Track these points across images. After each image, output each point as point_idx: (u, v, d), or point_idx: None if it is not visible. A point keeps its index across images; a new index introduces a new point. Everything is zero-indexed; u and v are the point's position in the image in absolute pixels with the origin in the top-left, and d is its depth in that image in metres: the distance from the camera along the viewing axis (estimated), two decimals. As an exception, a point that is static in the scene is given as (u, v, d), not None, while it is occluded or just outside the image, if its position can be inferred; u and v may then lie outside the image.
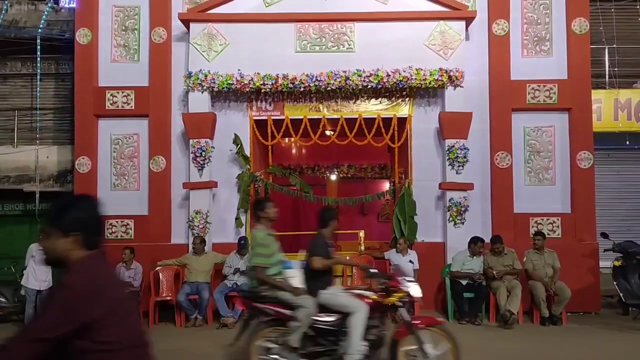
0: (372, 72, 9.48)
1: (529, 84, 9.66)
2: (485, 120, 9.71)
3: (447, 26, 9.59)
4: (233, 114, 9.88)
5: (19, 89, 11.32)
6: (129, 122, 9.99)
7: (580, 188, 9.56)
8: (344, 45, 9.71)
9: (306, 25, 9.72)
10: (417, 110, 9.80)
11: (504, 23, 9.72)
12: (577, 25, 9.66)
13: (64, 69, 11.07)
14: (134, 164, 9.99)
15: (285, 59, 9.61)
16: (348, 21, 9.70)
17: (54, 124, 11.19)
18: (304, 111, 9.83)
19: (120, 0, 10.11)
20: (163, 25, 9.97)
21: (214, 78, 9.54)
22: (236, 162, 9.78)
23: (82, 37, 9.99)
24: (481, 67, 9.77)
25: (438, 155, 9.70)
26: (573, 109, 9.63)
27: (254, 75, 9.52)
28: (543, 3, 9.82)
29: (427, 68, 9.45)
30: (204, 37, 9.70)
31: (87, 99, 9.91)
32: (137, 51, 10.07)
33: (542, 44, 9.81)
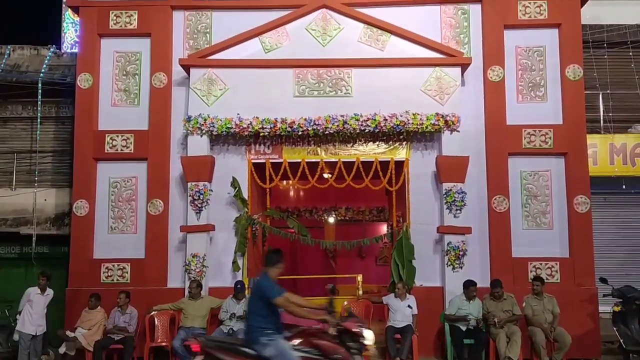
0: (370, 116, 9.59)
1: (525, 129, 9.76)
2: (482, 164, 9.78)
3: (443, 72, 9.75)
4: (231, 157, 9.94)
5: (19, 132, 11.42)
6: (128, 165, 10.03)
7: (578, 232, 9.56)
8: (342, 90, 9.84)
9: (304, 71, 9.87)
10: (415, 154, 9.87)
11: (499, 69, 9.88)
12: (571, 71, 9.81)
13: (64, 112, 11.19)
14: (132, 207, 9.99)
15: (283, 103, 9.73)
16: (346, 67, 9.86)
17: (53, 166, 11.25)
18: (302, 154, 9.90)
19: (122, 46, 10.29)
20: (164, 70, 10.12)
21: (213, 122, 9.64)
22: (234, 205, 9.79)
23: (83, 81, 10.12)
24: (477, 112, 9.89)
25: (436, 198, 9.73)
26: (569, 153, 9.71)
27: (252, 119, 9.63)
28: (537, 50, 10.00)
29: (424, 113, 9.57)
30: (204, 82, 9.83)
31: (87, 142, 9.99)
32: (137, 95, 10.20)
33: (537, 90, 9.96)
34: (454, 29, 10.15)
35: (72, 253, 9.89)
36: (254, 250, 10.30)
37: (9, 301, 10.05)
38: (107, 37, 10.27)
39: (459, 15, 10.16)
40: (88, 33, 10.25)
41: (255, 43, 10.00)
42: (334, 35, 10.02)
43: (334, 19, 10.04)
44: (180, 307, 9.00)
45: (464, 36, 10.12)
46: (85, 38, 10.30)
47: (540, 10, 9.93)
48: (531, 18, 9.94)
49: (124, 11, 10.21)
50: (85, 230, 9.87)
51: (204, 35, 10.32)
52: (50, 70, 11.20)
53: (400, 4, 10.26)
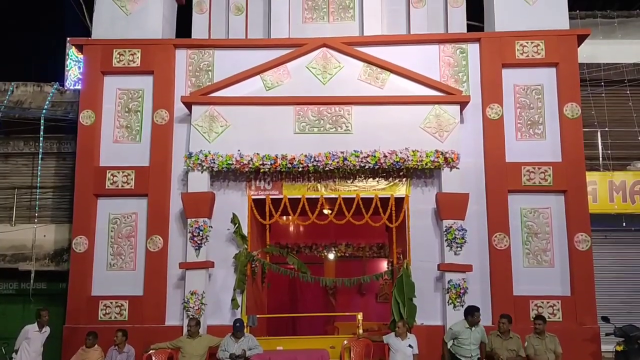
0: (370, 153, 9.64)
1: (524, 166, 9.80)
2: (482, 201, 9.78)
3: (442, 110, 9.83)
4: (232, 193, 9.96)
5: (20, 167, 11.47)
6: (128, 202, 10.05)
7: (579, 270, 9.51)
8: (342, 127, 9.92)
9: (305, 108, 9.96)
10: (414, 190, 9.88)
11: (498, 107, 9.97)
12: (569, 109, 9.90)
13: (65, 148, 11.26)
14: (131, 244, 9.96)
15: (284, 140, 9.80)
16: (346, 104, 9.95)
17: (53, 202, 11.27)
18: (302, 191, 9.92)
19: (125, 84, 10.40)
20: (166, 108, 10.22)
21: (214, 158, 9.68)
22: (233, 241, 9.77)
23: (85, 118, 10.21)
24: (476, 149, 9.94)
25: (436, 235, 9.71)
26: (569, 191, 9.72)
27: (253, 156, 9.68)
28: (535, 88, 10.11)
29: (423, 150, 9.62)
30: (205, 118, 9.92)
31: (88, 178, 10.02)
32: (139, 132, 10.27)
33: (536, 128, 10.03)
34: (453, 68, 10.28)
35: (70, 290, 9.83)
36: (254, 287, 10.23)
37: (5, 338, 9.93)
38: (110, 74, 10.40)
39: (457, 54, 10.30)
40: (91, 70, 10.39)
41: (257, 81, 10.13)
42: (334, 74, 10.15)
43: (334, 57, 10.19)
44: (179, 345, 8.88)
45: (463, 74, 10.25)
46: (88, 75, 10.43)
47: (538, 49, 10.07)
48: (529, 57, 10.07)
49: (127, 49, 10.36)
50: (84, 267, 9.82)
51: (206, 73, 10.45)
52: (52, 106, 11.33)
53: (400, 43, 10.42)
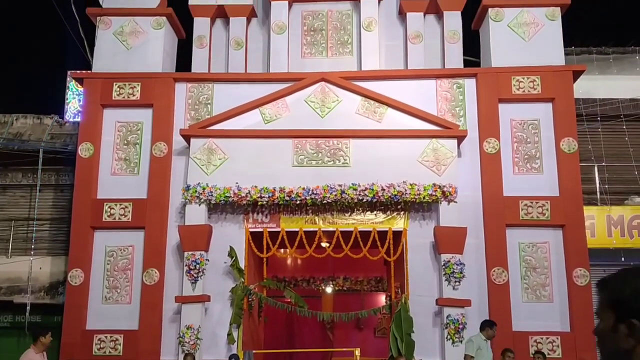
0: (368, 186, 9.65)
1: (522, 200, 9.80)
2: (480, 235, 9.76)
3: (440, 144, 9.88)
4: (229, 226, 9.93)
5: (18, 199, 11.47)
6: (125, 234, 10.01)
7: (579, 306, 9.43)
8: (340, 160, 9.95)
9: (303, 141, 10.01)
10: (412, 224, 9.87)
11: (495, 142, 10.03)
12: (566, 144, 9.95)
13: (63, 180, 11.28)
14: (127, 277, 9.89)
15: (282, 172, 9.81)
16: (344, 137, 10.01)
17: (50, 234, 11.23)
18: (299, 223, 9.90)
19: (124, 116, 10.47)
20: (164, 140, 10.26)
21: (211, 191, 9.69)
22: (230, 275, 9.70)
23: (84, 151, 10.24)
24: (474, 183, 9.96)
25: (434, 269, 9.66)
26: (566, 225, 9.70)
27: (251, 189, 9.68)
28: (532, 123, 10.19)
29: (421, 183, 9.63)
30: (203, 151, 9.95)
31: (85, 210, 10.00)
32: (137, 164, 10.29)
33: (533, 162, 10.07)
34: (450, 102, 10.37)
35: (65, 323, 9.72)
36: (250, 321, 10.12)
37: (-2, 373, 9.81)
38: (109, 107, 10.47)
39: (454, 89, 10.40)
40: (91, 103, 10.47)
41: (256, 114, 10.19)
42: (332, 107, 10.23)
43: (332, 91, 10.27)
44: (173, 381, 8.75)
45: (460, 109, 10.33)
46: (88, 108, 10.51)
47: (534, 85, 10.17)
48: (525, 92, 10.17)
49: (127, 83, 10.45)
50: (79, 300, 9.73)
51: (205, 106, 10.52)
52: (52, 138, 11.38)
53: (397, 78, 10.53)
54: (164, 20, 10.85)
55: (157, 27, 10.81)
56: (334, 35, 11.17)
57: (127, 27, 10.79)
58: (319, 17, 11.24)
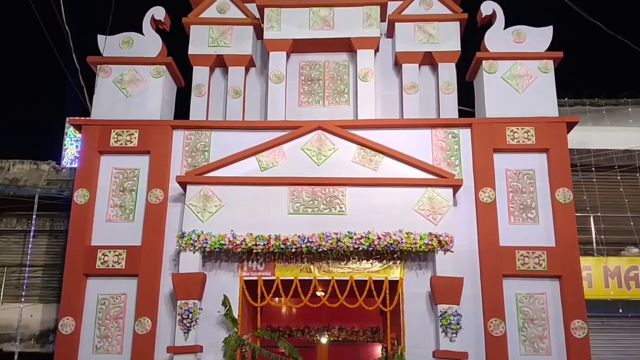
0: (363, 234, 9.61)
1: (518, 251, 9.74)
2: (476, 285, 9.67)
3: (435, 193, 9.90)
4: (223, 274, 9.84)
5: (11, 245, 11.42)
6: (118, 282, 9.87)
7: (577, 359, 9.26)
8: (336, 208, 9.94)
9: (299, 189, 10.02)
10: (409, 273, 9.79)
11: (490, 191, 10.05)
12: (561, 194, 9.97)
13: (58, 226, 11.25)
14: (119, 326, 9.71)
15: (278, 220, 9.78)
16: (340, 185, 10.01)
17: (42, 281, 11.13)
18: (295, 272, 9.81)
19: (121, 163, 10.49)
20: (160, 187, 10.25)
21: (206, 238, 9.63)
22: (223, 324, 9.55)
23: (80, 197, 10.21)
24: (470, 233, 9.93)
25: (431, 320, 9.53)
26: (563, 276, 9.63)
27: (246, 236, 9.64)
28: (527, 173, 10.23)
29: (417, 232, 9.60)
30: (199, 198, 9.94)
31: (78, 257, 9.89)
32: (132, 211, 10.26)
33: (529, 212, 10.07)
34: (445, 152, 10.44)
35: (54, 373, 9.51)
36: (243, 372, 9.91)
37: None
38: (106, 154, 10.49)
39: (449, 139, 10.49)
40: (88, 150, 10.48)
41: (252, 161, 10.23)
42: (328, 155, 10.28)
43: (329, 139, 10.35)
44: None
45: (455, 158, 10.39)
46: (85, 154, 10.52)
47: (528, 135, 10.27)
48: (519, 143, 10.24)
49: (125, 130, 10.51)
50: (69, 350, 9.51)
51: (202, 153, 10.57)
52: (48, 184, 11.41)
53: (393, 127, 10.63)
54: (163, 69, 11.02)
55: (156, 75, 10.96)
56: (330, 85, 11.33)
57: (127, 75, 10.94)
58: (316, 67, 11.44)
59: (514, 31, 10.86)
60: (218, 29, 11.43)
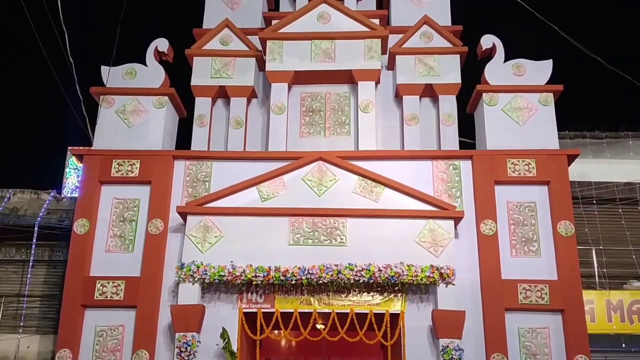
0: (364, 266, 9.55)
1: (520, 284, 9.66)
2: (478, 319, 9.56)
3: (437, 224, 9.86)
4: (222, 306, 9.74)
5: (9, 274, 11.33)
6: (116, 313, 9.78)
7: (581, 394, 9.14)
8: (336, 239, 9.90)
9: (300, 220, 9.99)
10: (410, 306, 9.70)
11: (492, 223, 10.01)
12: (563, 227, 9.93)
13: (57, 256, 11.19)
14: (116, 358, 9.56)
15: (278, 251, 9.73)
16: (340, 216, 9.98)
17: (40, 311, 11.03)
18: (294, 304, 9.72)
19: (122, 193, 10.48)
20: (161, 217, 10.23)
21: (206, 269, 9.57)
22: (222, 358, 9.42)
23: (79, 227, 10.18)
24: (472, 265, 9.86)
25: (432, 354, 9.40)
26: (566, 310, 9.52)
27: (246, 267, 9.57)
28: (528, 206, 10.20)
29: (418, 264, 9.53)
30: (199, 229, 9.91)
31: (77, 288, 9.81)
32: (132, 242, 10.21)
33: (530, 245, 10.01)
34: (446, 183, 10.43)
35: (49, 407, 9.36)
36: (241, 407, 9.75)
37: None
38: (107, 184, 10.49)
39: (450, 170, 10.49)
40: (89, 180, 10.49)
41: (253, 192, 10.22)
42: (329, 186, 10.27)
43: (329, 170, 10.35)
44: None
45: (456, 190, 10.38)
46: (86, 184, 10.52)
47: (529, 167, 10.26)
48: (520, 175, 10.24)
49: (126, 160, 10.53)
50: (66, 382, 9.41)
51: (203, 183, 10.57)
52: (48, 214, 11.38)
53: (394, 158, 10.64)
54: (166, 99, 11.09)
55: (159, 106, 11.03)
56: (331, 116, 11.39)
57: (130, 105, 11.01)
58: (318, 98, 11.51)
59: (514, 64, 10.96)
60: (221, 61, 11.55)
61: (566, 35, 9.87)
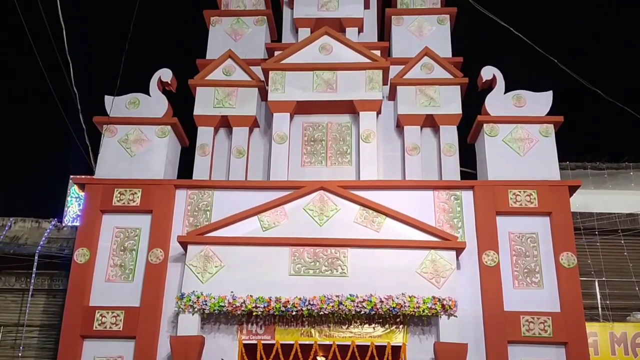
0: (366, 297, 9.47)
1: (523, 316, 9.56)
2: (481, 352, 9.44)
3: (438, 255, 9.80)
4: (222, 337, 9.65)
5: (8, 304, 11.27)
6: (115, 344, 9.67)
7: None
8: (338, 269, 9.84)
9: (301, 249, 9.95)
10: (412, 338, 9.60)
11: (494, 254, 9.96)
12: (565, 259, 9.87)
13: (57, 285, 11.15)
14: (115, 390, 9.50)
15: (278, 281, 9.66)
16: (342, 247, 9.93)
17: (39, 341, 10.94)
18: (295, 336, 9.63)
19: (123, 222, 10.47)
20: (161, 247, 10.19)
21: (206, 300, 9.50)
22: (222, 390, 9.32)
23: (80, 256, 10.15)
24: (474, 297, 9.78)
25: (435, 390, 9.29)
26: (569, 343, 9.40)
27: (246, 298, 9.50)
28: (530, 237, 10.16)
29: (420, 295, 9.45)
30: (200, 258, 9.87)
31: (76, 318, 9.73)
32: (132, 271, 10.16)
33: (533, 276, 9.95)
34: (448, 214, 10.40)
35: None
36: None
37: None
38: (109, 213, 10.49)
39: (451, 201, 10.48)
40: (91, 209, 10.48)
41: (254, 221, 10.20)
42: (330, 216, 10.25)
43: (331, 200, 10.34)
44: None
45: (458, 220, 10.35)
46: (87, 213, 10.51)
47: (530, 198, 10.25)
48: (522, 206, 10.22)
49: (128, 189, 10.54)
50: (61, 416, 9.28)
51: (204, 212, 10.56)
52: (49, 242, 11.37)
53: (395, 188, 10.64)
54: (168, 129, 11.15)
55: (161, 135, 11.08)
56: (333, 146, 11.43)
57: (132, 134, 11.06)
58: (319, 128, 11.57)
59: (515, 95, 11.02)
60: (224, 91, 11.64)
61: (566, 68, 9.97)
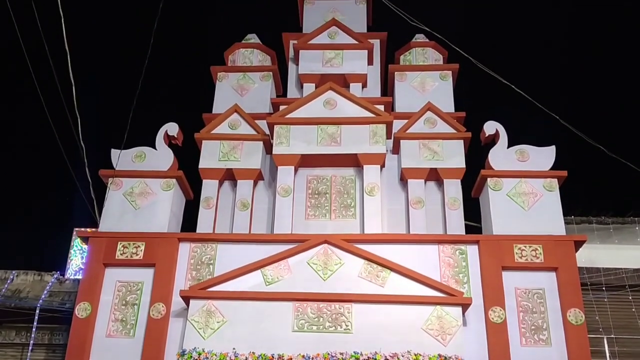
0: (370, 355, 9.27)
1: (532, 375, 9.39)
2: (489, 413, 9.21)
3: (444, 311, 9.66)
4: (224, 395, 9.44)
5: (8, 359, 11.07)
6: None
7: None
8: (342, 325, 9.69)
9: (304, 305, 9.82)
10: (420, 399, 9.35)
11: (500, 310, 9.81)
12: (573, 315, 9.71)
13: (57, 340, 10.99)
14: None
15: (281, 338, 9.49)
16: (346, 302, 9.81)
17: (36, 399, 10.70)
18: (297, 399, 9.40)
19: (125, 276, 10.40)
20: (163, 301, 10.09)
21: (207, 357, 9.32)
22: None
23: (81, 311, 10.03)
24: (481, 354, 9.56)
25: None
26: (580, 403, 9.20)
27: (248, 355, 9.32)
28: (536, 292, 10.03)
29: (426, 354, 9.25)
30: (202, 313, 9.74)
31: (75, 375, 9.59)
32: (133, 326, 10.03)
33: (540, 333, 9.76)
34: (453, 268, 10.31)
35: None
36: None
37: None
38: (111, 266, 10.43)
39: (457, 255, 10.40)
40: (94, 262, 10.42)
41: (257, 275, 10.11)
42: (334, 270, 10.16)
43: (335, 254, 10.27)
44: None
45: (463, 275, 10.25)
46: (90, 267, 10.44)
47: (536, 253, 10.17)
48: (528, 261, 10.12)
49: (131, 242, 10.52)
50: None
51: (207, 266, 10.49)
52: (50, 296, 11.26)
53: (400, 242, 10.57)
54: (173, 182, 11.21)
55: (166, 188, 11.13)
56: (337, 199, 11.44)
57: (138, 188, 11.12)
58: (324, 181, 11.61)
59: (518, 150, 11.09)
60: (229, 144, 11.76)
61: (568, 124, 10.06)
